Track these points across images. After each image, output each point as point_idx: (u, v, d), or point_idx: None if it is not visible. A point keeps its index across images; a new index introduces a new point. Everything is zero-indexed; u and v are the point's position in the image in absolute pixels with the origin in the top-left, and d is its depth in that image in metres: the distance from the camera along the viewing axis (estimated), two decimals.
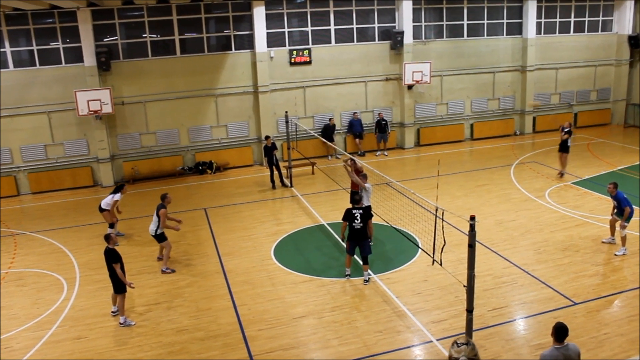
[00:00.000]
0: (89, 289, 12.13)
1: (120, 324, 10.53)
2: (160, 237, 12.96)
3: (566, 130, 18.65)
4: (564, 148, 18.73)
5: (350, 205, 12.23)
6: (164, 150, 21.26)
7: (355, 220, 11.55)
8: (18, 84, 19.14)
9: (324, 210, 16.38)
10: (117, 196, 14.61)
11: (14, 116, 19.28)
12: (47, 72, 19.46)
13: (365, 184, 13.26)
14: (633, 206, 12.72)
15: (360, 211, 11.65)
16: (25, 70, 19.28)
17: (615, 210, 12.95)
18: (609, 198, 13.23)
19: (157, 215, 12.72)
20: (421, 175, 19.91)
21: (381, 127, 22.73)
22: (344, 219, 11.77)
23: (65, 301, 11.61)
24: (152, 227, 12.83)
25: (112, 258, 10.40)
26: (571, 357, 6.66)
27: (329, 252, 13.63)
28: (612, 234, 13.21)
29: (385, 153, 23.04)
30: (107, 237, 10.64)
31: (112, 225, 14.83)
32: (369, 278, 11.79)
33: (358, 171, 14.92)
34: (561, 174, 18.81)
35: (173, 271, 12.85)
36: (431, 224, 10.18)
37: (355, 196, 12.28)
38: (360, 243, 11.72)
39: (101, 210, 14.70)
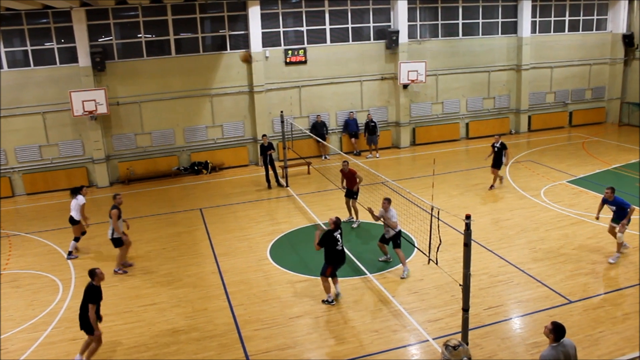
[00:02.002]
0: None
1: None
2: (115, 242, 12.70)
3: (497, 146, 17.41)
4: (496, 164, 17.47)
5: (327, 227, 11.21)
6: (159, 151, 21.22)
7: (338, 243, 10.82)
8: (12, 84, 19.05)
9: (320, 210, 16.37)
10: (82, 199, 13.52)
11: (9, 117, 19.19)
12: (42, 72, 19.39)
13: (390, 212, 12.28)
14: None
15: (340, 231, 10.90)
16: (20, 70, 19.20)
17: (613, 216, 12.40)
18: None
19: (110, 216, 12.51)
20: (417, 174, 19.93)
21: (370, 128, 22.56)
22: (320, 243, 10.81)
23: (61, 302, 11.58)
24: (109, 231, 12.66)
25: (92, 297, 9.03)
26: (569, 352, 6.69)
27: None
28: (619, 249, 12.36)
29: (377, 155, 22.81)
30: (92, 273, 9.19)
31: (77, 239, 13.78)
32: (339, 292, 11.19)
33: (352, 172, 14.92)
34: (492, 187, 17.69)
35: (125, 272, 12.80)
36: (427, 223, 10.18)
37: (337, 220, 10.95)
38: (342, 265, 11.13)
39: (73, 222, 13.63)
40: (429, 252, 10.01)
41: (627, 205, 12.16)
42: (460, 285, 8.51)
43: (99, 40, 19.84)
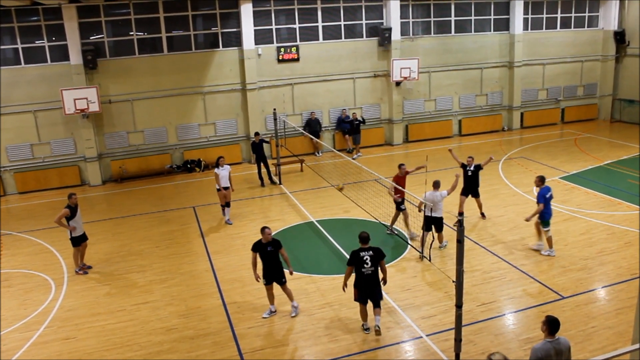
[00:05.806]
0: (77, 289, 12.04)
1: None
2: (72, 241, 12.63)
3: (471, 169, 14.98)
4: (469, 190, 14.94)
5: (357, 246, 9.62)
6: (151, 149, 21.14)
7: (365, 265, 9.34)
8: (3, 82, 18.88)
9: (313, 208, 16.37)
10: (217, 169, 15.22)
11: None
12: (33, 70, 19.25)
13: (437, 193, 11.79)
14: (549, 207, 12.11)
15: (371, 252, 9.37)
16: (10, 68, 19.03)
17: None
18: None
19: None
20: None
21: (354, 127, 22.45)
22: (349, 263, 9.56)
23: (53, 301, 11.51)
24: (68, 231, 12.61)
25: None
26: (562, 350, 6.69)
27: (318, 249, 13.62)
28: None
29: (359, 154, 22.49)
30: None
31: (228, 204, 15.63)
32: (379, 327, 9.59)
33: (406, 172, 14.03)
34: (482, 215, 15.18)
35: (85, 272, 12.78)
36: (420, 220, 10.22)
37: (363, 233, 9.51)
38: (372, 291, 9.62)
39: (225, 188, 15.40)
40: (422, 249, 10.03)
41: (540, 201, 12.24)
42: (453, 281, 8.52)
43: (91, 37, 19.71)
